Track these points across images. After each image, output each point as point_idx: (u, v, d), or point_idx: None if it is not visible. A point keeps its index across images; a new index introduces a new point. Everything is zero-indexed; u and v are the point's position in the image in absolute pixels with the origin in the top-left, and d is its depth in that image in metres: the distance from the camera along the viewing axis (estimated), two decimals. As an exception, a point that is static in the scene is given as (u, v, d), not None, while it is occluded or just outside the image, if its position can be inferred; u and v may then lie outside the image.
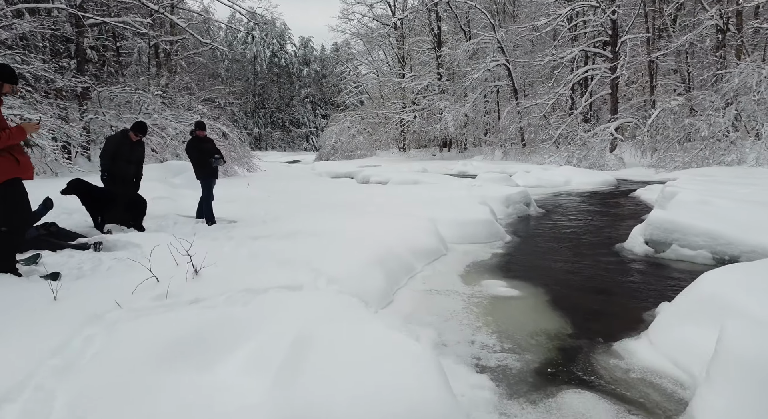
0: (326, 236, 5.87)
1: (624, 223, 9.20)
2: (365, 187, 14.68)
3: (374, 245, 5.37)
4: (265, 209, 8.28)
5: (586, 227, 8.85)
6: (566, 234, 8.22)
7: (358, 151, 38.30)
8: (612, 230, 8.61)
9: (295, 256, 4.84)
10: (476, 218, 7.49)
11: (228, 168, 16.11)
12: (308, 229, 6.25)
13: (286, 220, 7.16)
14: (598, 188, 16.09)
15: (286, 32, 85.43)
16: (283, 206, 8.96)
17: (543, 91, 29.24)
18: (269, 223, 6.97)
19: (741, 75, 17.68)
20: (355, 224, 6.68)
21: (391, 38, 39.28)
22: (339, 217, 7.48)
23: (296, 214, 7.95)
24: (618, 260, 6.44)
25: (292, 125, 77.88)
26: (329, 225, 6.59)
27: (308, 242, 5.51)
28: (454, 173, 22.96)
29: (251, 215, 7.73)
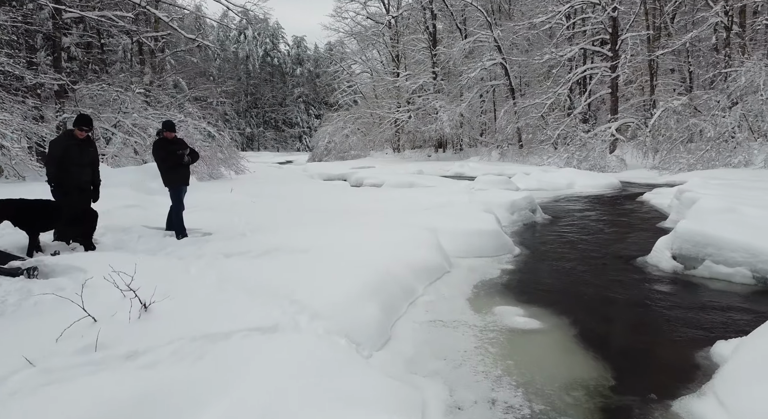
0: (313, 252, 5.08)
1: (639, 232, 8.46)
2: (359, 190, 13.90)
3: (368, 265, 4.58)
4: (247, 218, 7.46)
5: (599, 237, 8.10)
6: (579, 246, 7.46)
7: (351, 151, 37.47)
8: (628, 240, 7.87)
9: (274, 281, 4.05)
10: (482, 228, 6.71)
11: (214, 170, 15.27)
12: (292, 244, 5.46)
13: (268, 232, 6.35)
14: (603, 192, 15.37)
15: (279, 31, 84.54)
16: (267, 214, 8.15)
17: (541, 90, 28.55)
18: (249, 236, 6.17)
19: (748, 74, 17.03)
20: (347, 238, 5.89)
21: (386, 37, 38.50)
22: (329, 228, 6.69)
23: (281, 224, 7.15)
24: (644, 278, 5.68)
25: (285, 125, 76.94)
26: (317, 239, 5.79)
27: (291, 262, 4.71)
28: (451, 175, 22.20)
29: (230, 225, 6.91)
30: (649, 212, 10.59)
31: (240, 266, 4.58)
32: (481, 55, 30.40)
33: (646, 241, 7.59)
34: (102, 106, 15.21)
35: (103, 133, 14.41)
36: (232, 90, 76.75)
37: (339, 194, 12.28)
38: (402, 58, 36.97)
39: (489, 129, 34.21)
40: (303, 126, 75.98)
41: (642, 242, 7.59)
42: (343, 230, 6.46)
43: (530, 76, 34.29)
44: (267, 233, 6.32)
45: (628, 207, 11.60)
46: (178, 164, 5.97)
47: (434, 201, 10.61)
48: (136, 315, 3.15)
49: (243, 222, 7.12)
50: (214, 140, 15.43)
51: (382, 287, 4.23)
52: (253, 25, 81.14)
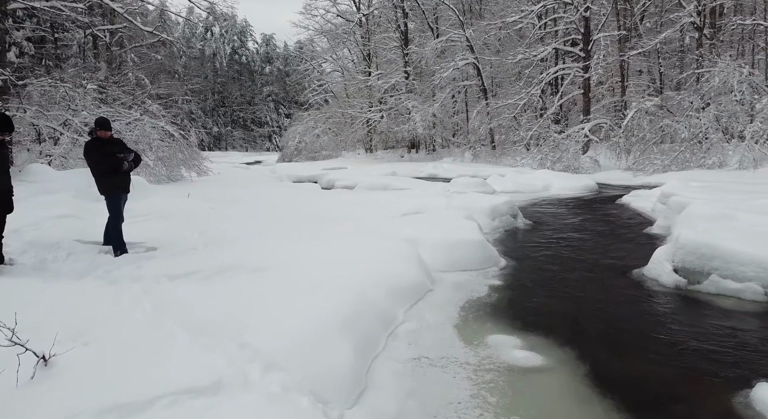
0: (274, 272, 4.34)
1: (627, 239, 7.98)
2: (330, 194, 13.14)
3: (340, 288, 3.88)
4: (202, 229, 6.65)
5: (587, 245, 7.57)
6: (567, 255, 6.90)
7: (323, 151, 36.57)
8: (618, 248, 7.36)
9: (223, 314, 3.30)
10: (465, 238, 6.07)
11: (173, 172, 14.28)
12: (251, 260, 4.70)
13: (224, 245, 5.57)
14: (580, 194, 15.02)
15: (248, 29, 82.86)
16: (226, 223, 7.33)
17: (514, 91, 28.29)
18: (201, 250, 5.38)
19: (722, 74, 16.98)
20: (315, 251, 5.17)
21: (356, 35, 37.73)
22: (295, 239, 5.95)
23: (241, 235, 6.37)
24: (645, 294, 5.13)
25: (254, 124, 75.35)
26: (281, 253, 5.06)
27: (247, 285, 3.96)
28: (425, 176, 21.64)
29: (181, 237, 6.09)
30: (633, 216, 10.17)
31: (184, 292, 3.81)
32: (453, 55, 29.98)
33: (638, 249, 7.10)
34: (51, 104, 14.03)
35: (51, 132, 13.27)
36: (199, 88, 74.75)
37: (309, 198, 11.50)
38: (373, 56, 36.29)
39: (461, 130, 33.85)
40: (273, 125, 74.54)
41: (633, 250, 7.10)
42: (311, 242, 5.73)
43: (502, 76, 34.08)
44: (223, 247, 5.53)
45: (610, 211, 11.19)
46: (116, 169, 5.12)
47: (411, 205, 9.97)
48: (29, 374, 2.36)
49: (197, 234, 6.30)
50: (174, 140, 14.43)
51: (357, 318, 3.52)
52: (220, 22, 79.54)
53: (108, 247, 5.26)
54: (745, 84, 16.55)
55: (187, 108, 74.98)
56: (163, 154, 13.98)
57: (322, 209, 9.60)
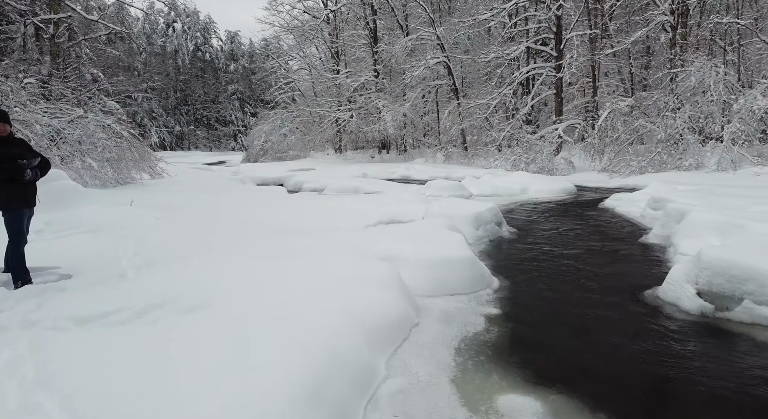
0: (215, 313, 3.35)
1: (624, 251, 7.25)
2: (297, 198, 12.09)
3: (303, 340, 2.92)
4: (141, 245, 5.56)
5: (583, 259, 6.80)
6: (564, 271, 6.10)
7: (290, 152, 35.30)
8: (617, 262, 6.61)
9: (127, 390, 2.29)
10: (453, 255, 5.18)
11: (122, 174, 12.97)
12: (190, 293, 3.69)
13: (162, 270, 4.53)
14: (560, 197, 14.41)
15: (212, 26, 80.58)
16: (170, 236, 6.25)
17: (486, 90, 27.76)
18: (131, 277, 4.33)
19: (697, 74, 16.69)
20: (273, 277, 4.20)
21: (324, 32, 36.62)
22: (251, 260, 4.94)
23: (187, 253, 5.32)
24: (670, 325, 4.33)
25: (219, 123, 73.15)
26: (230, 281, 4.06)
27: (174, 337, 2.95)
28: (397, 178, 20.80)
29: (111, 258, 5.00)
30: (622, 223, 9.51)
31: (84, 351, 2.77)
32: (423, 54, 29.27)
33: (641, 264, 6.37)
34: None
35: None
36: (160, 86, 72.37)
37: (273, 203, 10.44)
38: (342, 54, 35.26)
39: (432, 130, 33.18)
40: (238, 124, 72.51)
41: (635, 265, 6.36)
42: (270, 263, 4.74)
43: (472, 77, 33.59)
44: (160, 270, 4.49)
45: (595, 217, 10.52)
46: (14, 178, 3.99)
47: (386, 213, 9.07)
48: None
49: (131, 252, 5.22)
50: (124, 139, 13.11)
51: (325, 384, 2.58)
52: (182, 18, 76.99)
53: (8, 275, 4.15)
54: (721, 84, 16.30)
55: (147, 106, 72.50)
56: (110, 155, 12.67)
57: (288, 218, 8.58)
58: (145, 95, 68.35)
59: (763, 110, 14.60)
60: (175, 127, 72.25)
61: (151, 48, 73.20)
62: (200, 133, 72.60)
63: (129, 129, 13.47)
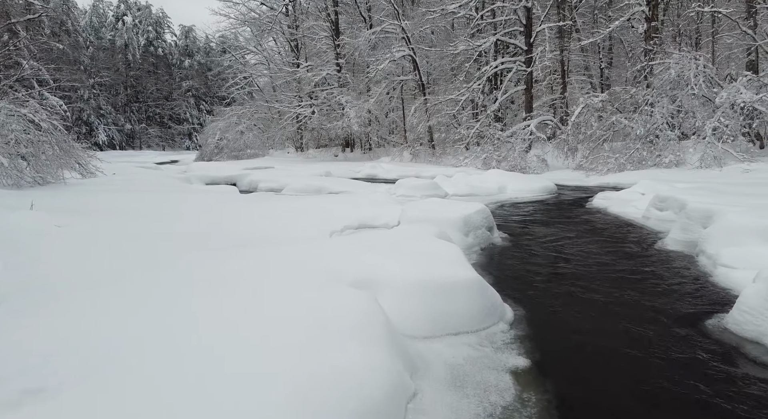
0: (97, 404, 1.83)
1: (644, 260, 6.05)
2: (250, 200, 10.45)
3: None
4: (18, 264, 3.93)
5: (601, 273, 5.55)
6: (586, 291, 4.82)
7: (248, 150, 33.30)
8: (645, 276, 5.38)
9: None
10: (454, 277, 3.78)
11: (42, 172, 11.03)
12: (37, 367, 2.15)
13: (35, 307, 2.94)
14: (541, 197, 13.30)
15: (165, 20, 77.00)
16: (71, 253, 4.62)
17: (454, 86, 26.66)
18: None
19: (677, 66, 15.95)
20: (201, 324, 2.69)
21: (283, 25, 34.74)
22: (170, 293, 3.41)
23: (80, 281, 3.74)
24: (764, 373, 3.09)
25: (172, 121, 69.81)
26: (135, 333, 2.53)
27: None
28: (363, 177, 19.37)
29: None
30: (623, 226, 8.36)
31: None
32: (388, 48, 27.92)
33: (673, 278, 5.16)
34: None
35: None
36: (109, 82, 68.63)
37: (221, 206, 8.81)
38: (302, 47, 33.52)
39: (399, 128, 31.88)
40: (193, 122, 69.36)
41: (666, 279, 5.14)
42: (197, 300, 3.23)
43: (438, 73, 32.52)
44: (31, 310, 2.91)
45: (589, 219, 9.38)
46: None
47: (355, 216, 7.64)
48: None
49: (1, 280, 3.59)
50: (43, 132, 11.16)
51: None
52: (133, 11, 73.24)
53: None
54: (701, 77, 15.60)
55: (95, 103, 68.41)
56: (27, 150, 10.73)
57: (236, 224, 7.02)
58: (93, 91, 64.64)
59: (747, 103, 13.92)
60: (126, 125, 68.44)
61: (99, 42, 69.33)
62: (153, 131, 69.06)
63: (52, 120, 11.52)
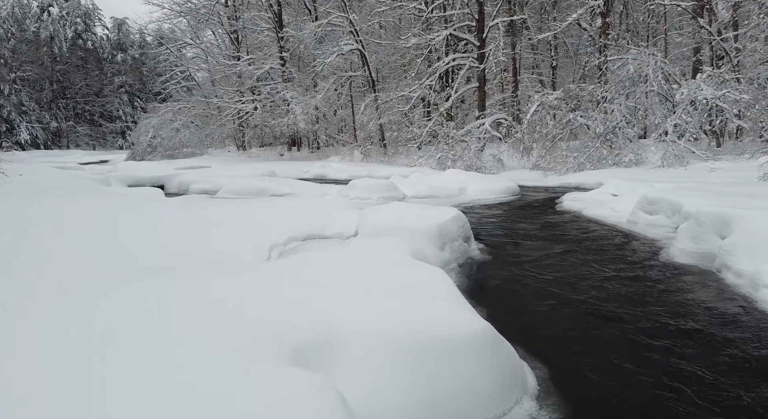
0: None
1: (661, 279, 5.01)
2: (175, 205, 8.77)
3: None
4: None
5: (612, 296, 4.43)
6: (612, 327, 3.67)
7: (184, 149, 30.94)
8: (664, 297, 4.30)
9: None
10: (450, 330, 2.48)
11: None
12: None
13: None
14: (504, 198, 12.32)
15: (95, 12, 72.04)
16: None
17: (405, 83, 25.58)
18: None
19: (635, 62, 15.47)
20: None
21: (222, 16, 32.53)
22: None
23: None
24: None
25: (104, 118, 65.27)
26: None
27: None
28: (311, 177, 17.90)
29: None
30: (608, 232, 7.38)
31: None
32: (335, 42, 26.49)
33: (708, 303, 4.10)
34: None
35: None
36: (32, 76, 63.66)
37: (135, 214, 7.15)
38: (243, 40, 31.48)
39: (348, 126, 30.49)
40: (126, 120, 65.03)
41: (700, 304, 4.08)
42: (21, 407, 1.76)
43: (389, 69, 31.42)
44: None
45: (567, 223, 8.38)
46: None
47: (302, 224, 6.24)
48: None
49: None
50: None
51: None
52: (59, 2, 68.05)
53: None
54: (659, 73, 15.18)
55: (16, 99, 62.93)
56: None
57: (145, 237, 5.45)
58: (14, 87, 59.36)
59: (709, 100, 13.52)
60: (51, 122, 63.29)
61: (22, 34, 63.96)
62: (82, 130, 64.24)
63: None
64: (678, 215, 6.57)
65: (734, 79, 15.05)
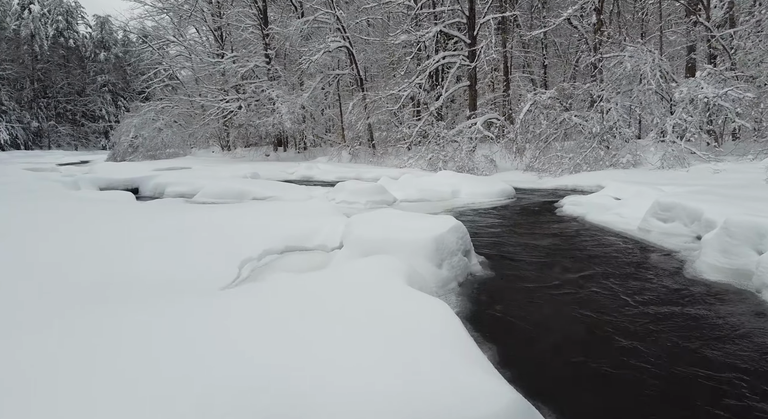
0: None
1: (680, 294, 4.37)
2: (144, 211, 7.98)
3: None
4: None
5: (655, 328, 3.78)
6: (662, 375, 3.01)
7: (168, 149, 29.97)
8: (703, 329, 3.66)
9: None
10: (470, 407, 1.81)
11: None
12: None
13: None
14: (500, 201, 11.68)
15: (78, 10, 70.47)
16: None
17: (394, 81, 24.89)
18: None
19: (632, 60, 14.93)
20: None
21: (206, 12, 31.63)
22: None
23: None
24: None
25: (86, 118, 63.83)
26: None
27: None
28: (297, 179, 17.18)
29: None
30: (623, 243, 6.74)
31: None
32: (323, 39, 25.74)
33: (756, 334, 3.46)
34: None
35: None
36: (12, 75, 62.18)
37: (91, 222, 6.37)
38: (227, 37, 30.60)
39: (336, 126, 29.75)
40: (110, 120, 63.57)
41: (747, 333, 3.44)
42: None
43: (377, 68, 30.75)
44: None
45: (572, 231, 7.74)
46: None
47: (283, 234, 5.56)
48: None
49: None
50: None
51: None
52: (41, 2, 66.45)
53: None
54: (657, 70, 14.65)
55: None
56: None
57: (99, 252, 4.70)
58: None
59: (710, 99, 13.00)
60: (32, 122, 61.71)
61: (2, 32, 62.35)
62: (64, 130, 62.71)
63: None
64: (697, 224, 5.95)
65: (734, 77, 14.57)
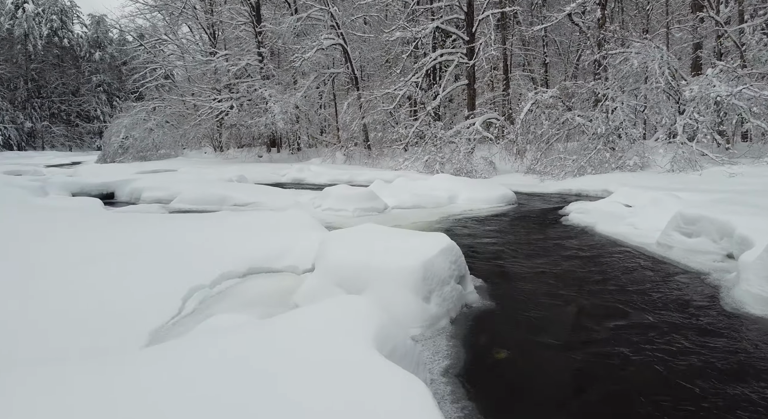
0: None
1: (724, 335, 3.59)
2: (98, 222, 7.16)
3: None
4: None
5: (685, 387, 3.00)
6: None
7: (158, 150, 29.18)
8: (757, 385, 2.87)
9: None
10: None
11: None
12: None
13: None
14: (500, 208, 10.89)
15: (73, 9, 69.67)
16: None
17: (390, 80, 24.10)
18: None
19: (639, 56, 14.14)
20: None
21: (198, 10, 30.84)
22: None
23: None
24: None
25: (81, 118, 63.03)
26: None
27: None
28: (288, 181, 16.40)
29: None
30: (643, 261, 5.94)
31: None
32: (317, 36, 24.95)
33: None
34: None
35: None
36: (6, 75, 61.47)
37: (17, 243, 5.58)
38: (219, 35, 29.79)
39: (331, 126, 28.96)
40: (105, 120, 62.63)
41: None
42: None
43: (373, 67, 29.95)
44: None
45: (582, 245, 6.94)
46: None
47: (250, 252, 4.80)
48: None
49: None
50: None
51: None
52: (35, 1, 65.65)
53: None
54: (666, 68, 13.87)
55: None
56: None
57: (24, 280, 3.93)
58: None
59: (723, 98, 12.22)
60: (26, 123, 60.92)
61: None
62: (57, 130, 61.94)
63: None
64: (727, 240, 5.18)
65: (747, 74, 13.79)
